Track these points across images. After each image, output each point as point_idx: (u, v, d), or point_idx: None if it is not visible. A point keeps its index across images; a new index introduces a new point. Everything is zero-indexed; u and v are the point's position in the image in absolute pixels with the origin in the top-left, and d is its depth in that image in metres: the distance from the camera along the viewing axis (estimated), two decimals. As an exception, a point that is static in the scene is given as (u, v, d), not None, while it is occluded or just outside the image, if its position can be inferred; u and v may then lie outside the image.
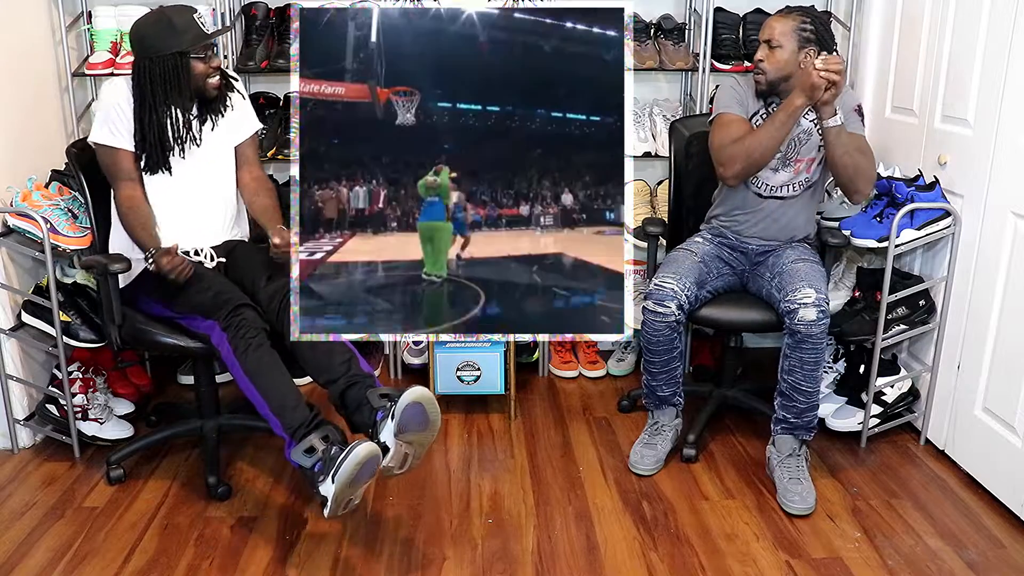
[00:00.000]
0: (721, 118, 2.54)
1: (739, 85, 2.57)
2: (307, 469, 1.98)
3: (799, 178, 2.53)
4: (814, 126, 2.49)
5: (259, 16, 3.01)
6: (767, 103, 2.53)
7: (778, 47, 2.42)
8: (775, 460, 2.42)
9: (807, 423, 2.41)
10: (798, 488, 2.33)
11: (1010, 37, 2.27)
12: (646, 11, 3.09)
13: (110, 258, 2.33)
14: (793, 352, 2.35)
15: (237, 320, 2.17)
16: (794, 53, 2.42)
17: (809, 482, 2.37)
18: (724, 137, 2.49)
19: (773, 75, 2.45)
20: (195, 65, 2.34)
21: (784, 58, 2.42)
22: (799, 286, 2.34)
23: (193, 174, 2.43)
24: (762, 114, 2.53)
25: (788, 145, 2.50)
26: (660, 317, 2.41)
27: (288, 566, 2.09)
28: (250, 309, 2.21)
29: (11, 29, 2.73)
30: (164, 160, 2.38)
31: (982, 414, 2.43)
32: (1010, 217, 2.31)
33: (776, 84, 2.46)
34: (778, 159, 2.51)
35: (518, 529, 2.24)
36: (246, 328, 2.16)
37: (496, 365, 2.84)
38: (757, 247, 2.59)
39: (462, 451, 2.66)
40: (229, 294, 2.25)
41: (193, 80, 2.35)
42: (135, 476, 2.48)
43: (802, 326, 2.30)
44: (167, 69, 2.32)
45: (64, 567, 2.09)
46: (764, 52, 2.45)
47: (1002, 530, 2.25)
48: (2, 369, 2.57)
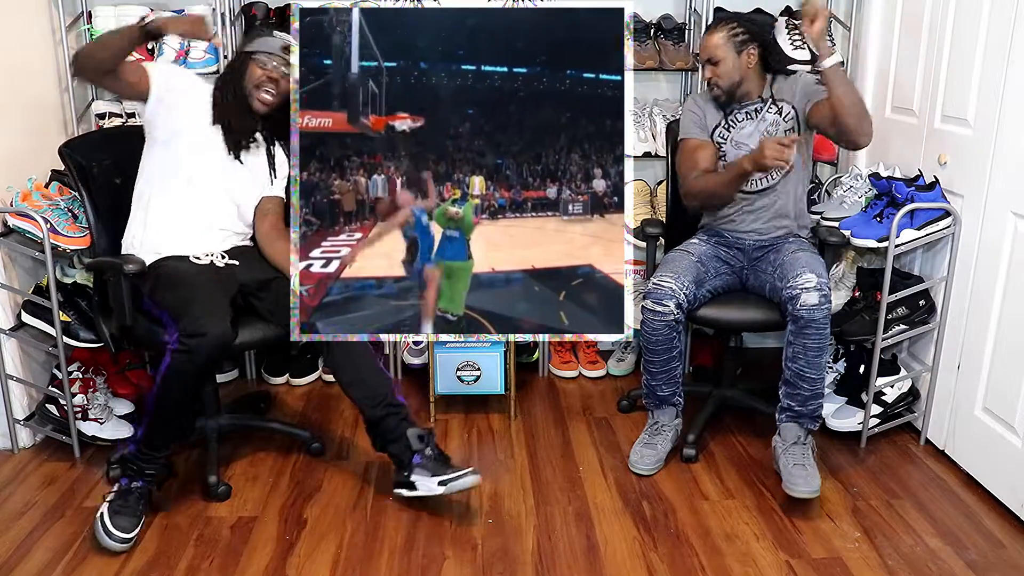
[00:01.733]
0: (684, 144, 2.66)
1: (697, 107, 2.66)
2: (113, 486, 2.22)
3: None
4: (779, 116, 2.55)
5: (259, 16, 3.00)
6: (727, 112, 2.61)
7: (720, 60, 2.52)
8: (780, 448, 2.40)
9: (811, 411, 2.40)
10: (802, 472, 2.31)
11: (1010, 37, 2.27)
12: (646, 11, 3.09)
13: (124, 258, 2.31)
14: (796, 339, 2.35)
15: (193, 344, 2.11)
16: (736, 59, 2.52)
17: (814, 468, 2.35)
18: (688, 167, 2.62)
19: (727, 85, 2.54)
20: (252, 69, 2.37)
21: (729, 68, 2.53)
22: (800, 271, 2.36)
23: (218, 183, 2.42)
24: (724, 124, 2.61)
25: (759, 141, 2.53)
26: (659, 316, 2.41)
27: (288, 566, 2.09)
28: (213, 341, 2.12)
29: (11, 29, 2.73)
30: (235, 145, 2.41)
31: (982, 414, 2.43)
32: (1010, 217, 2.31)
33: (733, 91, 2.56)
34: None
35: (518, 529, 2.24)
36: (194, 357, 2.11)
37: (496, 365, 2.84)
38: (754, 242, 2.60)
39: (462, 451, 2.66)
40: (206, 309, 2.17)
41: (246, 82, 2.38)
42: (135, 476, 2.48)
43: (804, 311, 2.31)
44: (232, 65, 2.45)
45: (64, 567, 2.09)
46: (710, 70, 2.55)
47: (1002, 530, 2.25)
48: (2, 369, 2.57)
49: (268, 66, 2.37)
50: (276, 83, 2.38)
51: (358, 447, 2.67)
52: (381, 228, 2.39)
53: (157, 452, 2.21)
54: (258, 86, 2.38)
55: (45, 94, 2.91)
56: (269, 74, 2.37)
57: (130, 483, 2.20)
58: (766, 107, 2.56)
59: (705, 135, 2.63)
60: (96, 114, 3.01)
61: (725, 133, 2.60)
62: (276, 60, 2.37)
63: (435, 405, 2.87)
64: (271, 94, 2.38)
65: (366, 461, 2.58)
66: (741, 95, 2.56)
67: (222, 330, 2.14)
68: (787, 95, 2.56)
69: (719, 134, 2.61)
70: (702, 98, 2.67)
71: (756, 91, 2.57)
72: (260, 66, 2.37)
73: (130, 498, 2.18)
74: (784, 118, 2.55)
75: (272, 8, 3.04)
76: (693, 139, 2.64)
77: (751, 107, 2.58)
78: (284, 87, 2.38)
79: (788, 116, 2.55)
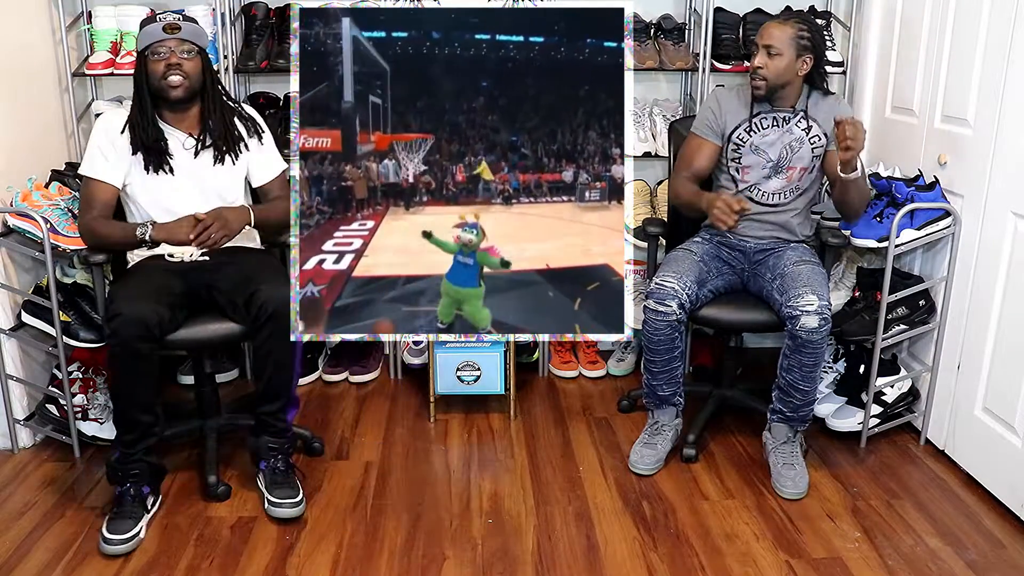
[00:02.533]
0: (689, 138, 2.64)
1: (718, 104, 2.60)
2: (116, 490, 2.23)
3: (791, 186, 2.55)
4: (805, 135, 2.51)
5: (259, 16, 3.01)
6: (753, 114, 2.53)
7: (778, 55, 2.43)
8: (770, 446, 2.48)
9: (802, 417, 2.46)
10: (791, 473, 2.39)
11: (1010, 37, 2.27)
12: (646, 11, 3.09)
13: (93, 250, 2.39)
14: (793, 354, 2.36)
15: (113, 327, 2.15)
16: (792, 61, 2.44)
17: (803, 467, 2.42)
18: (682, 163, 2.64)
19: (773, 81, 2.46)
20: (150, 66, 2.33)
21: (783, 66, 2.44)
22: (802, 292, 2.34)
23: (189, 199, 2.40)
24: (747, 126, 2.54)
25: (780, 153, 2.53)
26: (661, 316, 2.41)
27: (288, 566, 2.09)
28: (127, 321, 2.13)
29: (11, 29, 2.73)
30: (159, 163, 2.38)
31: (982, 414, 2.43)
32: (1010, 217, 2.31)
33: (775, 90, 2.48)
34: (770, 167, 2.55)
35: (518, 529, 2.24)
36: (117, 340, 2.14)
37: (496, 365, 2.84)
38: (755, 245, 2.59)
39: (462, 451, 2.66)
40: (131, 294, 2.21)
41: (152, 82, 2.34)
42: (135, 476, 2.48)
43: (803, 332, 2.32)
44: (136, 72, 2.39)
45: (64, 567, 2.09)
46: (763, 58, 2.44)
47: (1002, 530, 2.25)
48: (2, 369, 2.57)
49: (164, 55, 2.32)
50: (179, 66, 2.32)
51: (358, 447, 2.67)
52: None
53: (131, 450, 2.21)
54: (162, 77, 2.32)
55: (45, 94, 2.91)
56: (167, 61, 2.32)
57: (122, 489, 2.22)
58: (795, 119, 2.50)
59: (714, 137, 2.58)
60: (96, 114, 3.01)
61: (745, 136, 2.54)
62: (168, 44, 2.31)
63: (435, 405, 2.87)
64: (179, 75, 2.33)
65: (366, 461, 2.58)
66: (778, 98, 2.50)
67: (139, 311, 2.14)
68: (821, 116, 2.50)
69: (738, 135, 2.55)
70: (730, 94, 2.60)
71: (792, 100, 2.51)
72: (155, 59, 2.32)
73: (124, 503, 2.20)
74: (810, 138, 2.50)
75: (272, 8, 3.04)
76: (698, 137, 2.61)
77: (780, 115, 2.52)
78: (189, 66, 2.33)
79: (815, 139, 2.50)
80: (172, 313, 2.23)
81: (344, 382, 3.16)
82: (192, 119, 2.42)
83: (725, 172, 2.61)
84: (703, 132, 2.60)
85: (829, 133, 2.48)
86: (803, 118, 2.50)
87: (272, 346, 2.27)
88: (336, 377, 3.16)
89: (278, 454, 2.34)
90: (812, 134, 2.51)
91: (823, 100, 2.53)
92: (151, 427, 2.22)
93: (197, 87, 2.38)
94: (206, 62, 2.40)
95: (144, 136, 2.35)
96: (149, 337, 2.14)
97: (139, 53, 2.36)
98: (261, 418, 2.35)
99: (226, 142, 2.43)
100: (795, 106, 2.52)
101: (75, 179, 2.69)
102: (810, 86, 2.53)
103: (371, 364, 3.20)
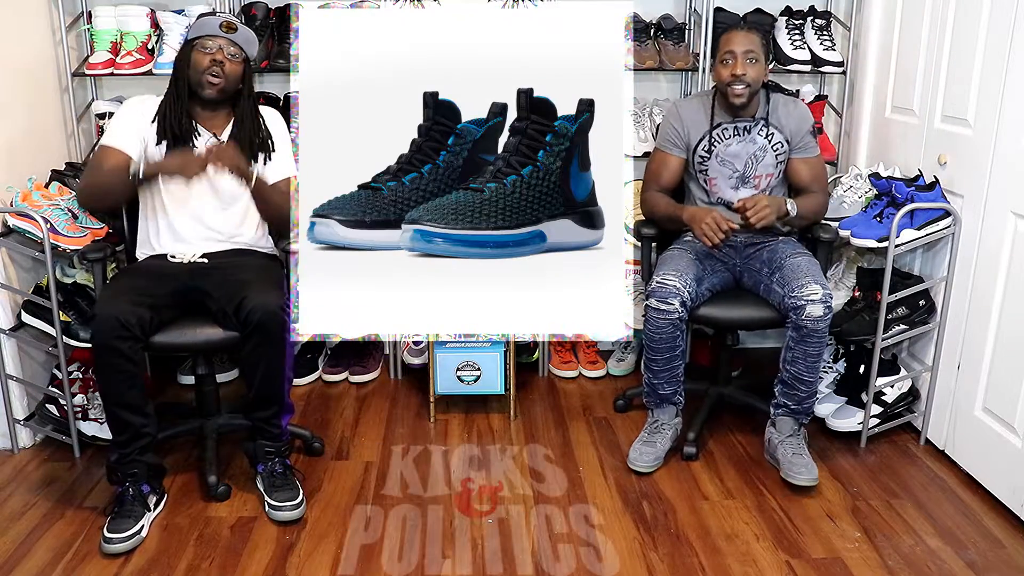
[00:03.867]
0: (655, 154, 2.69)
1: (679, 119, 2.62)
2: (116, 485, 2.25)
3: (759, 192, 2.57)
4: (768, 143, 2.55)
5: (259, 16, 3.00)
6: (713, 125, 2.56)
7: (757, 61, 2.48)
8: (776, 439, 2.48)
9: (806, 409, 2.49)
10: (802, 461, 2.41)
11: (1010, 37, 2.27)
12: (646, 11, 3.09)
13: (90, 247, 2.41)
14: (797, 345, 2.38)
15: (92, 326, 2.18)
16: (764, 67, 2.51)
17: (811, 458, 2.44)
18: (649, 177, 2.68)
19: (755, 88, 2.50)
20: (196, 57, 2.34)
21: (760, 72, 2.50)
22: (804, 282, 2.36)
23: (202, 197, 2.41)
24: (708, 139, 2.57)
25: (745, 164, 2.57)
26: (664, 315, 2.41)
27: (288, 566, 2.09)
28: (104, 319, 2.13)
29: (11, 29, 2.73)
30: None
31: (982, 414, 2.43)
32: (1010, 217, 2.31)
33: (751, 98, 2.52)
34: (736, 178, 2.59)
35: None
36: (95, 339, 2.15)
37: (496, 365, 2.84)
38: (745, 239, 2.62)
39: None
40: (112, 293, 2.23)
41: (192, 72, 2.34)
42: (135, 476, 2.48)
43: (809, 322, 2.34)
44: (179, 58, 2.40)
45: (64, 567, 2.09)
46: (744, 65, 2.46)
47: (1002, 530, 2.25)
48: (2, 369, 2.57)
49: (211, 50, 2.33)
50: (221, 65, 2.33)
51: (358, 447, 2.67)
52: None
53: (126, 450, 2.21)
54: (203, 71, 2.33)
55: (45, 94, 2.91)
56: (213, 57, 2.33)
57: (121, 490, 2.22)
58: (757, 128, 2.55)
59: (678, 150, 2.62)
60: (96, 114, 3.01)
61: (709, 147, 2.57)
62: (218, 41, 2.33)
63: (435, 405, 2.87)
64: (217, 76, 2.33)
65: (366, 461, 2.58)
66: (743, 107, 2.52)
67: (117, 310, 2.14)
68: (782, 120, 2.56)
69: (703, 148, 2.58)
70: (690, 105, 2.64)
71: (754, 108, 2.56)
72: (202, 51, 2.33)
73: (124, 502, 2.20)
74: (773, 146, 2.55)
75: (272, 8, 3.04)
76: (662, 152, 2.65)
77: (742, 124, 2.56)
78: (231, 69, 2.35)
79: (778, 145, 2.55)
80: (154, 313, 2.21)
81: (344, 382, 3.16)
82: (220, 121, 2.43)
83: (694, 180, 2.65)
84: (667, 147, 2.64)
85: (791, 139, 2.56)
86: (764, 126, 2.54)
87: (261, 354, 2.26)
88: (336, 377, 3.16)
89: (275, 457, 2.34)
90: (775, 141, 2.56)
91: (783, 106, 2.58)
92: (142, 428, 2.21)
93: (231, 91, 2.39)
94: (248, 71, 2.41)
95: (175, 124, 2.36)
96: (128, 336, 2.13)
97: (187, 41, 2.37)
98: (255, 423, 2.36)
99: (250, 152, 2.43)
100: (755, 115, 2.56)
101: (75, 179, 2.70)
102: (767, 92, 2.58)
103: (371, 364, 3.20)
